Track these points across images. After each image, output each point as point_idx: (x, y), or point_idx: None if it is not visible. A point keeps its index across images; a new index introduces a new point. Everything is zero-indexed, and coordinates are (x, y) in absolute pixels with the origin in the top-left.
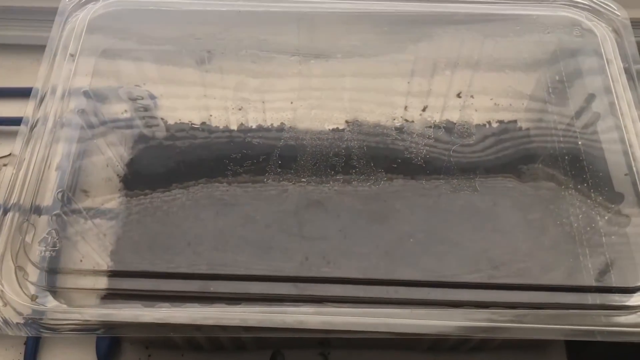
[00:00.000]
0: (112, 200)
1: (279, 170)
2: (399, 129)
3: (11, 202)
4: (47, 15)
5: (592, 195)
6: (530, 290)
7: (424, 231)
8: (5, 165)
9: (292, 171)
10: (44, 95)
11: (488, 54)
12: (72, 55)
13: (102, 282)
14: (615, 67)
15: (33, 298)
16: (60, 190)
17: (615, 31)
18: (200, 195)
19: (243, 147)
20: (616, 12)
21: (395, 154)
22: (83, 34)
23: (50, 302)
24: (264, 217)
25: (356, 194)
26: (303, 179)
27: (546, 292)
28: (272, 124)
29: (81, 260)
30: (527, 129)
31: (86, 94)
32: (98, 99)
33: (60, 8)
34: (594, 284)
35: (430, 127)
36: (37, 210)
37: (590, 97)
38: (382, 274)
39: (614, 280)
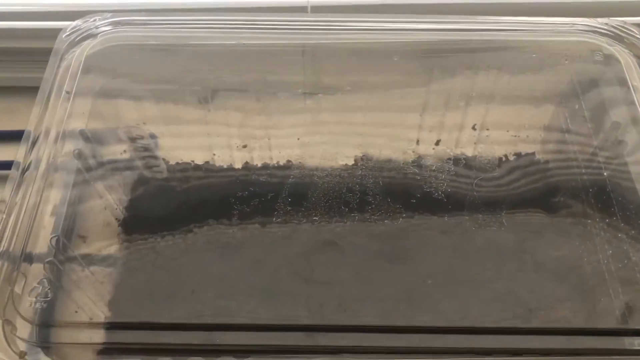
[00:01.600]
0: (111, 246)
1: (289, 209)
2: (416, 163)
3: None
4: (43, 56)
5: (623, 228)
6: (563, 335)
7: (446, 272)
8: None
9: (303, 209)
10: (37, 138)
11: (504, 84)
12: (67, 95)
13: (99, 336)
14: None
15: (21, 355)
16: (54, 235)
17: (638, 56)
18: (204, 239)
19: (249, 185)
20: (637, 35)
21: (413, 188)
22: (79, 72)
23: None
24: (273, 260)
25: (372, 233)
26: (315, 217)
27: (582, 337)
28: (278, 162)
29: (76, 312)
30: (547, 161)
31: (83, 134)
32: (95, 139)
33: (55, 47)
34: (631, 326)
35: (450, 159)
36: (29, 258)
37: (615, 126)
38: (402, 320)
39: None
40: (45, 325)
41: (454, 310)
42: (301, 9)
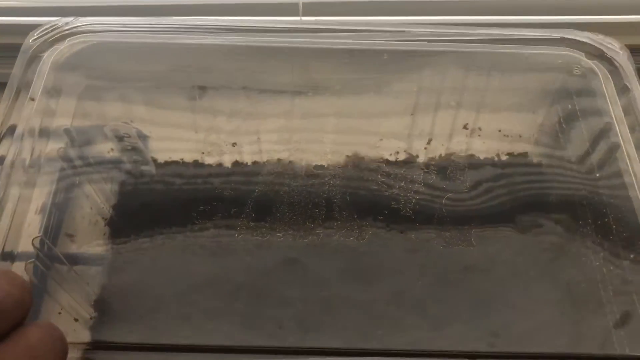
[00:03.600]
0: (98, 246)
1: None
2: (386, 174)
3: None
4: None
5: (606, 245)
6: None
7: (415, 293)
8: None
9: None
10: (21, 135)
11: (496, 83)
12: (50, 92)
13: (85, 336)
14: (619, 107)
15: None
16: (36, 236)
17: (617, 68)
18: (190, 240)
19: (236, 186)
20: (617, 49)
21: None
22: (64, 69)
23: None
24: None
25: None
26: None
27: None
28: (267, 160)
29: (60, 313)
30: (539, 162)
31: (67, 132)
32: (81, 137)
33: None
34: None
35: (421, 169)
36: (10, 257)
37: (596, 139)
38: (368, 343)
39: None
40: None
41: (422, 333)
42: (293, 7)
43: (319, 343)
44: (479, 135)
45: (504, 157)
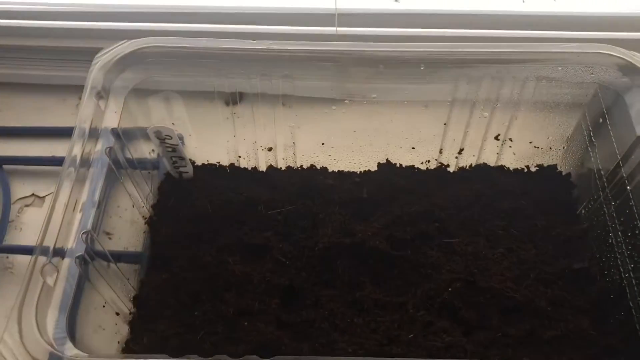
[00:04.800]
0: (137, 243)
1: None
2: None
3: (35, 243)
4: (74, 55)
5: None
6: None
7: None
8: (27, 205)
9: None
10: (73, 136)
11: (529, 95)
12: (101, 94)
13: (124, 330)
14: None
15: (51, 344)
16: (84, 231)
17: None
18: (227, 241)
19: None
20: None
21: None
22: (113, 72)
23: (70, 350)
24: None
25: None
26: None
27: None
28: (301, 166)
29: (104, 306)
30: (568, 174)
31: (114, 133)
32: (126, 138)
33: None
34: None
35: None
36: (60, 252)
37: (627, 153)
38: None
39: None
40: (74, 317)
41: None
42: (329, 17)
43: None
44: (510, 147)
45: (533, 169)
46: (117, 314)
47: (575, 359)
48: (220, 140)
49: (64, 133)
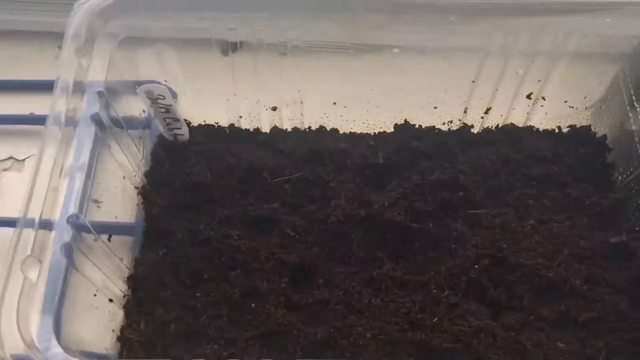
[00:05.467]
0: (128, 214)
1: None
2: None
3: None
4: None
5: None
6: None
7: None
8: (5, 170)
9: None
10: (55, 90)
11: (570, 50)
12: (84, 46)
13: (119, 316)
14: None
15: (32, 345)
16: (70, 215)
17: None
18: (228, 212)
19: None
20: None
21: None
22: (98, 19)
23: (54, 348)
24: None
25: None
26: None
27: None
28: (310, 127)
29: (95, 295)
30: (604, 136)
31: (100, 93)
32: (113, 97)
33: None
34: None
35: None
36: (47, 224)
37: None
38: None
39: None
40: (60, 311)
41: None
42: None
43: None
44: (542, 106)
45: (565, 130)
46: (111, 300)
47: (613, 344)
48: (218, 99)
49: (42, 87)
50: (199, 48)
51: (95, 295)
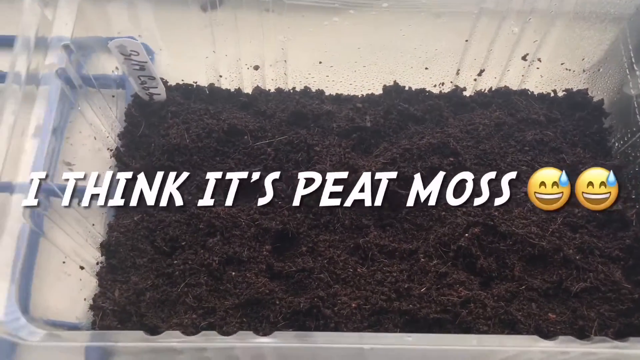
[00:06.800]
0: (101, 178)
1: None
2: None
3: None
4: None
5: None
6: None
7: None
8: None
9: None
10: (16, 46)
11: (568, 8)
12: None
13: (92, 284)
14: None
15: None
16: (38, 176)
17: None
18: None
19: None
20: None
21: None
22: None
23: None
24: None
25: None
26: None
27: None
28: (294, 88)
29: (64, 262)
30: (601, 100)
31: (66, 47)
32: (82, 52)
33: None
34: None
35: None
36: (9, 188)
37: None
38: None
39: None
40: (27, 284)
41: None
42: None
43: None
44: (538, 68)
45: (561, 94)
46: (82, 267)
47: (606, 315)
48: (197, 56)
49: (4, 43)
50: (175, 3)
51: (64, 262)
